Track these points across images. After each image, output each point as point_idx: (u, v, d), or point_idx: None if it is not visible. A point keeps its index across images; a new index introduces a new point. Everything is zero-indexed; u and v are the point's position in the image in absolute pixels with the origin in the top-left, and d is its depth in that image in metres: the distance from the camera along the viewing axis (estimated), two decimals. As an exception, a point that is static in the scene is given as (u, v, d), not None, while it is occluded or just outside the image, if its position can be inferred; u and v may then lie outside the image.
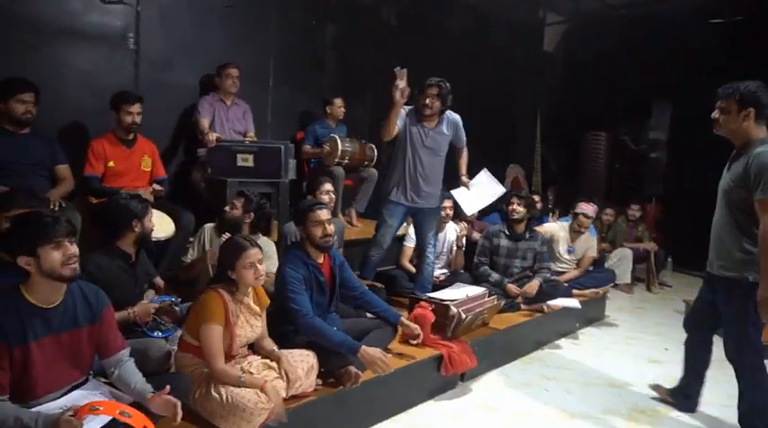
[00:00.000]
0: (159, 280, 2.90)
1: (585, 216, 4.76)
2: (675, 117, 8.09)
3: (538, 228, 4.57)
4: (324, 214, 2.76)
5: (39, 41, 3.63)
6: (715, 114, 2.65)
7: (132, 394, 1.97)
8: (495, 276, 4.08)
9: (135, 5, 4.03)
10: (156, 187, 3.53)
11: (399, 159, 3.73)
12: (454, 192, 3.98)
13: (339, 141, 4.57)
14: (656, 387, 3.31)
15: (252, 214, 3.15)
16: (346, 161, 4.63)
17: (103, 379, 2.11)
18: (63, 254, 1.82)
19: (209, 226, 3.27)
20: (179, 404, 1.89)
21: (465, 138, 3.91)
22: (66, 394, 1.95)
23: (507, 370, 3.58)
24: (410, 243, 4.38)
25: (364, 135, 5.37)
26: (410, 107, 3.73)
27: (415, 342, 3.02)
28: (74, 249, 1.86)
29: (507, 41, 7.64)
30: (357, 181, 4.91)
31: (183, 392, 2.05)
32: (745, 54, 6.78)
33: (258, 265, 2.32)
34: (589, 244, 4.93)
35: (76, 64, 3.81)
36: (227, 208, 3.19)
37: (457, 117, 3.83)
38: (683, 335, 4.50)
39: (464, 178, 3.97)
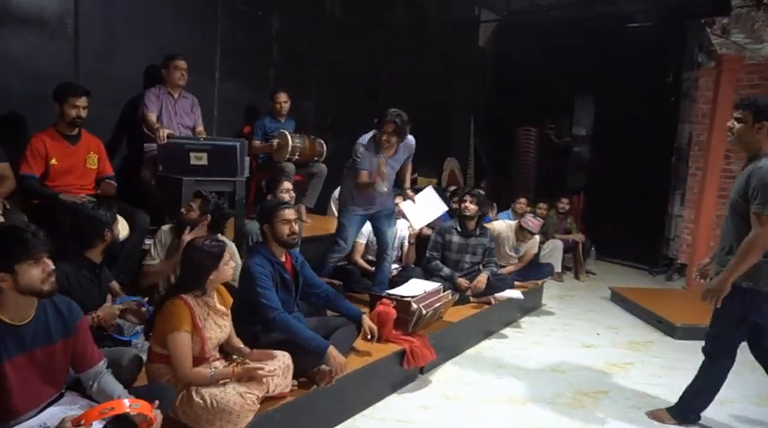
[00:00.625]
0: (115, 284, 2.80)
1: (531, 232, 5.00)
2: (597, 113, 8.66)
3: (488, 226, 4.79)
4: (291, 213, 2.80)
5: (-34, 26, 3.35)
6: (730, 124, 2.69)
7: (115, 406, 1.93)
8: (446, 270, 4.25)
9: (74, -11, 3.79)
10: (110, 182, 3.37)
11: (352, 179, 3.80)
12: (402, 205, 4.11)
13: (289, 137, 4.54)
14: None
15: (209, 215, 3.10)
16: (296, 157, 4.61)
17: (75, 392, 2.05)
18: (43, 271, 1.75)
19: (165, 227, 3.18)
20: (160, 417, 1.88)
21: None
22: (42, 410, 1.88)
23: (461, 361, 3.78)
24: (362, 238, 4.46)
25: (310, 127, 5.37)
26: (369, 136, 3.80)
27: (373, 339, 3.10)
28: (51, 264, 1.78)
29: (444, 37, 7.83)
30: (307, 176, 4.90)
31: (169, 403, 2.03)
32: (656, 56, 7.40)
33: (232, 262, 2.36)
34: (533, 243, 5.23)
35: (8, 49, 3.52)
36: (183, 210, 3.12)
37: (412, 141, 3.92)
38: (613, 320, 4.96)
39: (409, 191, 4.11)
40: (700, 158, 6.59)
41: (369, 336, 3.06)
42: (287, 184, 3.67)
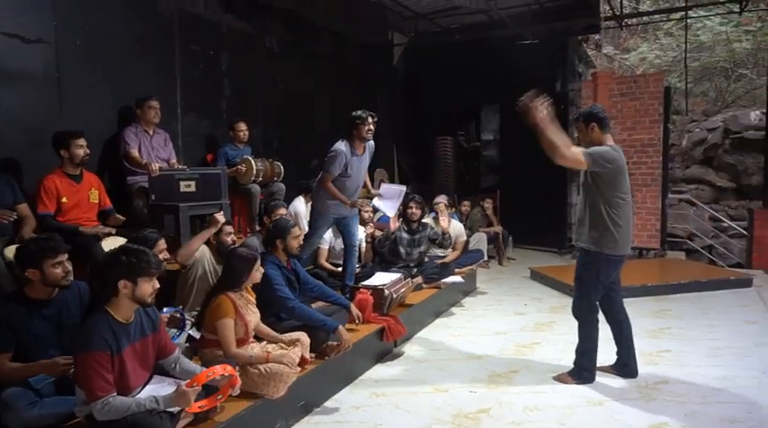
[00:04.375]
0: None
1: (445, 204, 5.98)
2: (502, 121, 9.90)
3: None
4: (298, 230, 3.52)
5: (-34, 83, 3.70)
6: (575, 136, 3.58)
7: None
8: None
9: (54, 44, 4.20)
10: (118, 217, 3.84)
11: (338, 185, 4.28)
12: (375, 203, 4.85)
13: (253, 161, 5.16)
14: (602, 368, 3.67)
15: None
16: (260, 179, 5.24)
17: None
18: (152, 287, 2.35)
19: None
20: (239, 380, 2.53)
21: None
22: (143, 388, 2.45)
23: (423, 335, 4.61)
24: (324, 244, 5.17)
25: (260, 152, 6.00)
26: (343, 143, 4.24)
27: (357, 323, 3.81)
28: (158, 284, 2.38)
29: (364, 60, 8.71)
30: (267, 195, 5.51)
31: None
32: (543, 68, 8.74)
33: (261, 269, 3.03)
34: (458, 231, 6.17)
35: (4, 101, 3.89)
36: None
37: (373, 144, 4.55)
38: (536, 293, 6.00)
39: (374, 191, 4.87)
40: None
41: (356, 321, 3.78)
42: (282, 210, 4.32)
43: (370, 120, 4.25)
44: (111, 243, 3.35)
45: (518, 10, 8.60)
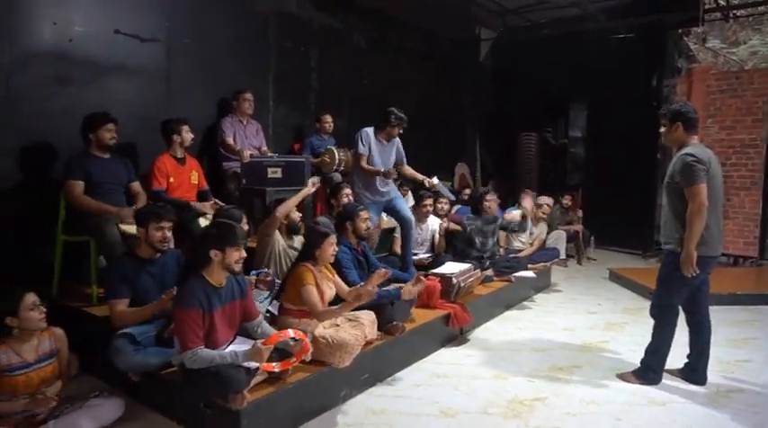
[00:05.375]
0: None
1: (549, 205, 5.99)
2: (590, 116, 9.62)
3: (507, 216, 5.68)
4: (366, 213, 3.76)
5: (94, 76, 4.27)
6: (660, 130, 3.42)
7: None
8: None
9: (166, 42, 4.73)
10: (219, 202, 4.27)
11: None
12: (436, 180, 4.81)
13: (336, 151, 5.48)
14: (669, 371, 3.61)
15: None
16: (341, 168, 5.55)
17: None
18: (239, 256, 2.68)
19: None
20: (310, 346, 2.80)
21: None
22: (228, 346, 2.79)
23: (490, 325, 4.70)
24: (397, 233, 5.38)
25: (344, 143, 6.30)
26: (371, 130, 4.61)
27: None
28: (244, 253, 2.71)
29: (451, 55, 8.82)
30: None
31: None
32: (638, 64, 8.38)
33: (335, 246, 3.28)
34: (543, 228, 6.18)
35: (122, 93, 4.46)
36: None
37: (398, 139, 4.76)
38: (612, 293, 5.88)
39: (428, 181, 4.84)
40: (680, 154, 7.55)
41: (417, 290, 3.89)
42: (347, 190, 4.59)
43: (404, 125, 4.56)
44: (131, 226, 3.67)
45: (612, 3, 8.32)
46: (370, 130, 4.62)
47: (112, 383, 3.10)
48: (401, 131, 4.63)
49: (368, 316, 3.38)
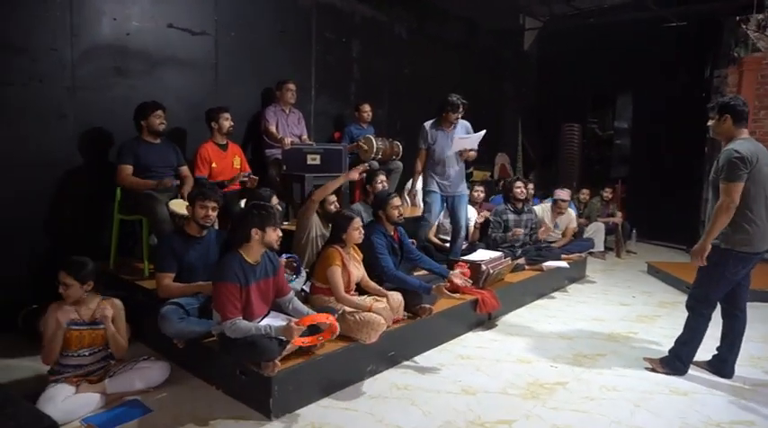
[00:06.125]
0: None
1: (563, 200, 5.99)
2: (636, 108, 9.41)
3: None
4: (398, 201, 3.91)
5: (149, 67, 4.59)
6: (709, 123, 3.36)
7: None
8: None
9: (214, 35, 5.00)
10: (254, 177, 4.48)
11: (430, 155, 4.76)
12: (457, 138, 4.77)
13: (374, 140, 5.64)
14: (696, 363, 3.63)
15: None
16: (379, 156, 5.71)
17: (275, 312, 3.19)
18: (277, 235, 2.90)
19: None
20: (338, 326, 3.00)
21: None
22: (262, 319, 3.02)
23: (519, 312, 4.79)
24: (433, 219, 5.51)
25: (384, 132, 6.47)
26: (432, 120, 4.76)
27: (456, 294, 4.09)
28: (281, 232, 2.93)
29: (493, 45, 8.81)
30: (386, 172, 5.97)
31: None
32: (690, 53, 8.14)
33: (360, 229, 3.47)
34: (570, 218, 6.18)
35: (174, 83, 4.76)
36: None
37: (467, 123, 4.87)
38: (648, 287, 5.84)
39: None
40: (729, 147, 7.32)
41: (457, 281, 4.05)
42: (381, 177, 4.75)
43: (460, 109, 4.64)
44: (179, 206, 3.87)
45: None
46: (428, 124, 4.75)
47: (160, 350, 3.40)
48: (460, 115, 4.70)
49: (396, 297, 3.55)
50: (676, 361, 3.54)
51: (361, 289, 3.61)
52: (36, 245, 4.01)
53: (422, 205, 5.10)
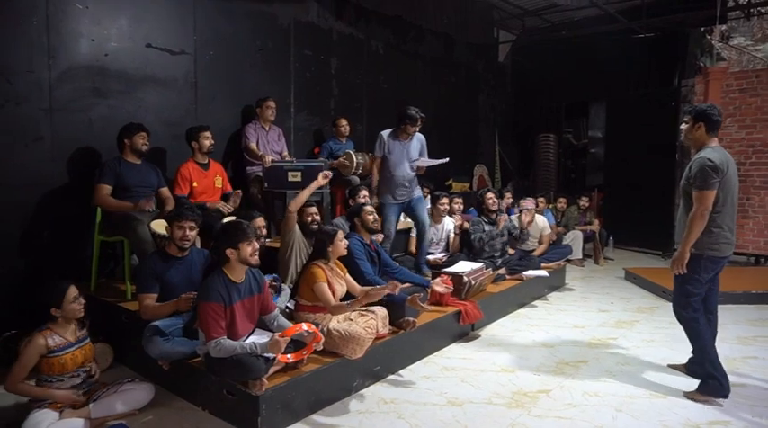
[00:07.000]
0: None
1: (528, 210, 6.02)
2: (609, 116, 9.65)
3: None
4: (371, 208, 4.05)
5: (128, 87, 4.58)
6: (681, 126, 3.41)
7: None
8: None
9: (193, 54, 5.02)
10: (239, 192, 4.48)
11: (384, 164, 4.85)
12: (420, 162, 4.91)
13: (354, 155, 5.70)
14: (674, 366, 3.78)
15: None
16: (360, 171, 5.77)
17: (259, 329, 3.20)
18: (252, 249, 2.91)
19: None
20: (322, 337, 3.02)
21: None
22: (247, 338, 3.03)
23: (502, 322, 4.85)
24: (413, 233, 5.56)
25: (364, 146, 6.54)
26: (389, 131, 4.87)
27: (431, 307, 4.13)
28: (257, 245, 2.95)
29: (469, 59, 8.97)
30: (368, 187, 6.02)
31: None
32: (659, 63, 8.39)
33: (345, 241, 3.53)
34: (542, 226, 6.30)
35: (154, 102, 4.76)
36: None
37: (422, 136, 4.95)
38: (626, 293, 5.96)
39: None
40: (699, 154, 7.55)
41: (439, 289, 4.11)
42: (364, 192, 4.82)
43: (418, 122, 4.73)
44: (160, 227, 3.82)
45: (633, 2, 8.34)
46: (385, 133, 4.85)
47: (144, 372, 3.37)
48: (417, 128, 4.79)
49: (380, 311, 3.59)
50: (709, 381, 3.33)
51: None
52: (13, 268, 3.96)
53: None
